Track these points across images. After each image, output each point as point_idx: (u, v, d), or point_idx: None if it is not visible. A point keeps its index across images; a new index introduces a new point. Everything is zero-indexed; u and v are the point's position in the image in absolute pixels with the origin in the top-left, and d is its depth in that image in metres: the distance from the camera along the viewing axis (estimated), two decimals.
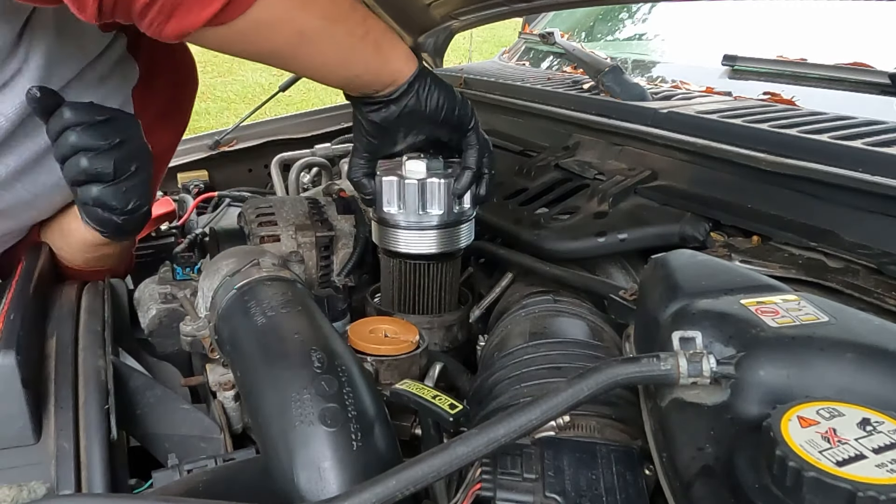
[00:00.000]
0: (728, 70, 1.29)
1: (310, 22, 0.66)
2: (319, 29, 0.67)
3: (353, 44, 0.70)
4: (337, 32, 0.68)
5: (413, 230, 0.86)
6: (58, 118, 0.71)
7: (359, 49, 0.71)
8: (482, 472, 0.49)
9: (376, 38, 0.72)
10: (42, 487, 0.59)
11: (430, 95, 0.77)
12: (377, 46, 0.72)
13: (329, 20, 0.67)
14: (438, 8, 1.66)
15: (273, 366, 0.60)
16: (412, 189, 0.84)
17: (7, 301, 0.68)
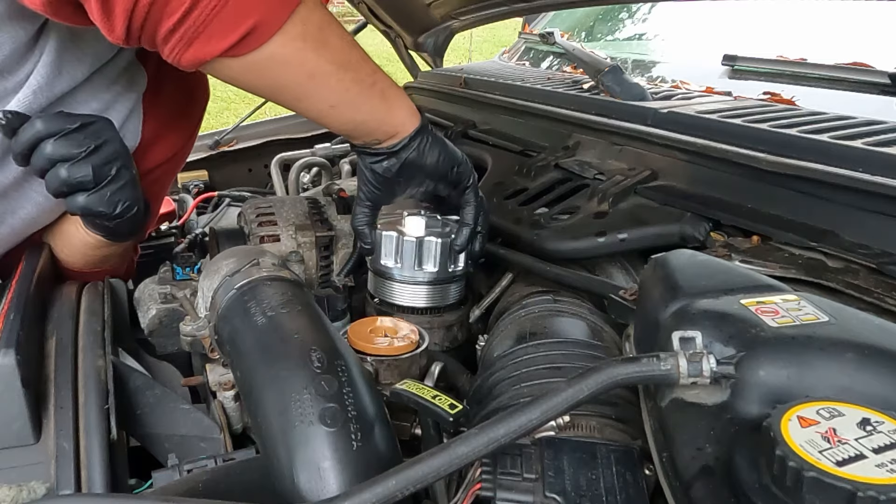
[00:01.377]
0: (728, 70, 1.29)
1: (321, 65, 0.68)
2: (329, 73, 0.69)
3: (361, 91, 0.73)
4: (346, 78, 0.71)
5: (407, 284, 0.91)
6: (28, 130, 0.71)
7: (365, 96, 0.74)
8: (482, 472, 0.49)
9: (383, 89, 0.75)
10: (42, 487, 0.59)
11: (431, 151, 0.80)
12: (383, 97, 0.75)
13: (339, 66, 0.70)
14: (438, 8, 1.66)
15: (273, 366, 0.60)
16: (410, 246, 0.89)
17: (7, 301, 0.68)
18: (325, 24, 0.68)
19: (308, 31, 0.65)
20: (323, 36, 0.67)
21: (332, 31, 0.69)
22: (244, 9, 0.59)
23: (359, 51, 0.73)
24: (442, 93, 1.61)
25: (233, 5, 0.58)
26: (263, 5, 0.60)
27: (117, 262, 0.97)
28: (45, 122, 0.71)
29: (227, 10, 0.58)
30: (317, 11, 0.66)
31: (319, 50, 0.67)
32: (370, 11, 1.75)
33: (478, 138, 1.32)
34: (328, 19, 0.69)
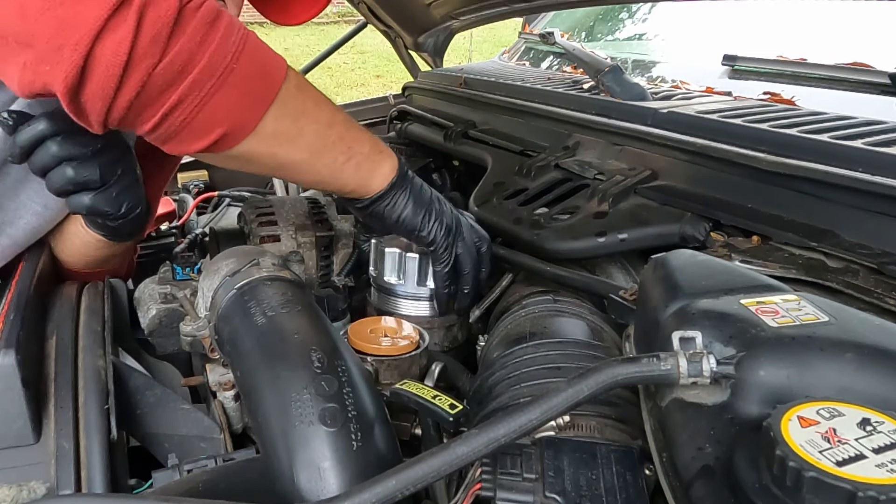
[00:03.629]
0: (728, 70, 1.29)
1: (292, 156, 0.70)
2: (301, 161, 0.72)
3: (334, 171, 0.75)
4: (318, 163, 0.73)
5: (410, 299, 0.93)
6: (32, 129, 0.70)
7: (339, 174, 0.76)
8: (482, 472, 0.49)
9: (359, 162, 0.76)
10: (42, 487, 0.59)
11: (394, 210, 0.81)
12: (357, 168, 0.76)
13: (312, 153, 0.71)
14: (438, 8, 1.66)
15: (273, 366, 0.60)
16: (413, 263, 0.91)
17: (7, 301, 0.68)
18: (300, 112, 0.68)
19: (279, 129, 0.67)
20: (297, 127, 0.68)
21: (309, 117, 0.69)
22: (214, 119, 0.62)
23: (337, 128, 0.73)
24: (442, 93, 1.61)
25: (202, 117, 0.61)
26: (233, 114, 0.62)
27: (117, 262, 0.97)
28: (49, 122, 0.71)
29: (197, 121, 0.61)
30: (292, 101, 0.67)
31: (292, 143, 0.69)
32: (370, 11, 1.75)
33: (478, 138, 1.32)
34: (304, 105, 0.69)
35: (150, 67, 0.56)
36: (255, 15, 3.43)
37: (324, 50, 2.17)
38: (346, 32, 2.11)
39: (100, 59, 0.53)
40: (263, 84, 0.64)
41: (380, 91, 2.42)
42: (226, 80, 0.60)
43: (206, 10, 0.58)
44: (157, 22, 0.54)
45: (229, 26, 0.60)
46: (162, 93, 0.58)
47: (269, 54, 0.65)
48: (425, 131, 1.52)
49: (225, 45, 0.59)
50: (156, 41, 0.55)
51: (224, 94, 0.60)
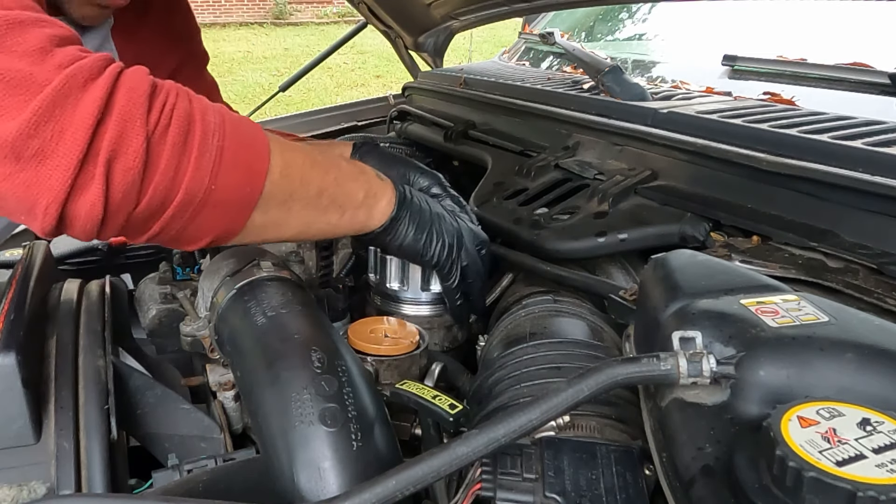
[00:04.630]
0: (728, 70, 1.29)
1: (286, 234, 0.71)
2: (297, 234, 0.72)
3: (330, 230, 0.75)
4: (312, 230, 0.73)
5: (410, 303, 0.94)
6: None
7: (336, 229, 0.76)
8: (482, 472, 0.49)
9: (353, 213, 0.75)
10: (42, 487, 0.59)
11: (395, 240, 0.80)
12: (353, 219, 0.76)
13: (305, 225, 0.71)
14: (438, 8, 1.66)
15: (273, 366, 0.60)
16: (416, 270, 0.92)
17: (7, 301, 0.68)
18: (288, 197, 0.66)
19: (268, 220, 0.66)
20: (286, 210, 0.67)
21: (297, 198, 0.68)
22: (200, 233, 0.61)
23: (328, 193, 0.71)
24: (442, 93, 1.61)
25: (188, 234, 0.60)
26: (219, 225, 0.61)
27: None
28: None
29: (184, 237, 0.61)
30: (277, 191, 0.65)
31: (284, 225, 0.68)
32: (370, 11, 1.75)
33: (478, 138, 1.32)
34: (291, 189, 0.67)
35: (128, 214, 0.55)
36: (254, 15, 3.44)
37: (324, 50, 2.17)
38: (346, 32, 2.11)
39: (75, 217, 0.53)
40: (246, 189, 0.62)
41: (380, 91, 2.42)
42: (206, 202, 0.58)
43: (175, 130, 0.55)
44: (126, 175, 0.52)
45: (203, 137, 0.57)
46: (144, 224, 0.57)
47: (251, 148, 0.62)
48: (425, 131, 1.52)
49: (201, 166, 0.57)
50: (128, 194, 0.53)
51: (206, 214, 0.59)
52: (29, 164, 0.50)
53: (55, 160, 0.50)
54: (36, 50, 0.50)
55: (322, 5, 11.84)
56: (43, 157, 0.50)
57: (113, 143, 0.51)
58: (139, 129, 0.53)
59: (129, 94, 0.53)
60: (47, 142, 0.49)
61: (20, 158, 0.49)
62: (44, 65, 0.50)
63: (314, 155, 0.71)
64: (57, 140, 0.50)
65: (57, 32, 0.53)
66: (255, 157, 0.62)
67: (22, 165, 0.50)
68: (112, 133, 0.51)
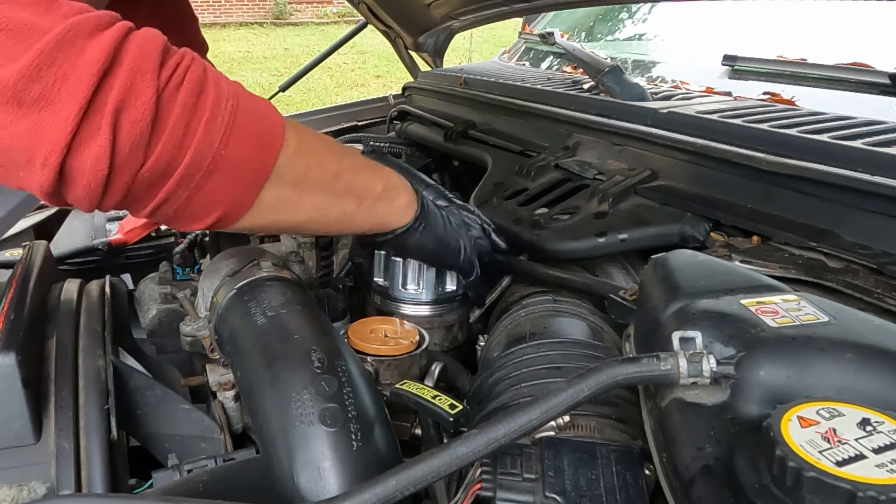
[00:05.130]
0: (728, 70, 1.29)
1: (297, 218, 0.67)
2: (308, 220, 0.68)
3: (345, 220, 0.72)
4: (327, 218, 0.69)
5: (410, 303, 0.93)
6: None
7: (351, 221, 0.72)
8: (482, 472, 0.49)
9: (371, 205, 0.72)
10: (42, 487, 0.59)
11: (417, 243, 0.79)
12: (371, 212, 0.73)
13: (318, 212, 0.68)
14: (438, 8, 1.66)
15: (273, 366, 0.60)
16: (431, 272, 0.91)
17: (7, 301, 0.68)
18: (302, 177, 0.64)
19: (280, 199, 0.63)
20: (299, 192, 0.64)
21: (311, 179, 0.65)
22: (206, 206, 0.58)
23: (344, 178, 0.68)
24: (442, 93, 1.61)
25: (194, 205, 0.57)
26: (227, 198, 0.58)
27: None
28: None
29: (190, 209, 0.57)
30: (291, 169, 0.62)
31: (295, 208, 0.65)
32: (370, 11, 1.75)
33: (478, 138, 1.32)
34: (305, 168, 0.64)
35: (134, 172, 0.52)
36: (254, 15, 3.44)
37: (324, 50, 2.17)
38: (346, 32, 2.11)
39: (79, 171, 0.50)
40: (258, 160, 0.59)
41: (380, 91, 2.42)
42: (215, 168, 0.56)
43: (187, 90, 0.53)
44: (135, 126, 0.50)
45: (217, 101, 0.55)
46: (149, 190, 0.55)
47: (264, 120, 0.60)
48: (425, 131, 1.52)
49: (211, 130, 0.54)
50: (136, 147, 0.51)
51: (214, 182, 0.56)
52: (30, 110, 0.48)
53: (57, 106, 0.48)
54: (42, 1, 0.49)
55: (322, 5, 11.84)
56: (45, 103, 0.48)
57: (121, 94, 0.49)
58: (150, 82, 0.51)
59: (140, 48, 0.51)
60: (49, 87, 0.47)
61: (21, 104, 0.47)
62: (49, 14, 0.48)
63: (329, 141, 0.69)
64: (60, 85, 0.47)
65: None
66: (269, 129, 0.60)
67: (23, 112, 0.48)
68: (121, 83, 0.49)
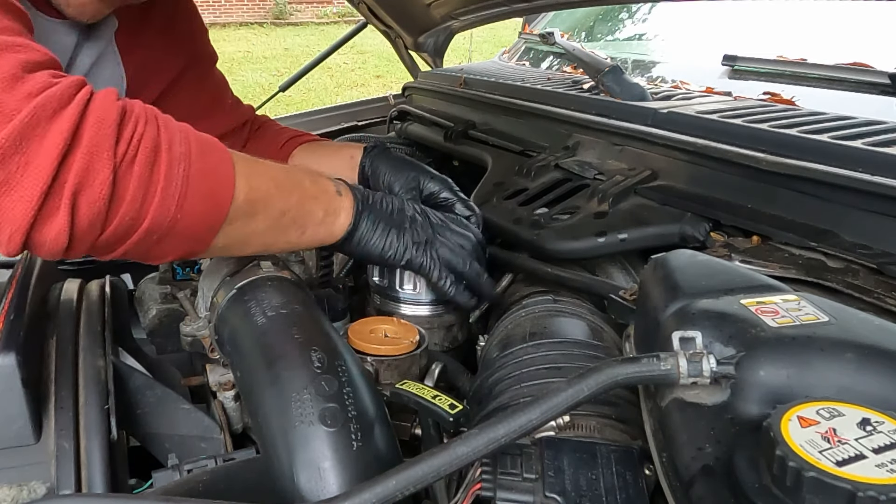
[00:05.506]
0: (728, 70, 1.29)
1: (247, 251, 0.72)
2: (258, 251, 0.74)
3: (292, 246, 0.77)
4: (274, 247, 0.75)
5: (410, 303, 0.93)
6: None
7: (297, 246, 0.78)
8: (482, 471, 0.49)
9: (314, 230, 0.76)
10: (42, 487, 0.59)
11: (356, 250, 0.80)
12: (314, 235, 0.76)
13: (266, 245, 0.73)
14: (438, 8, 1.66)
15: (273, 366, 0.60)
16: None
17: (7, 301, 0.68)
18: (250, 220, 0.67)
19: (231, 242, 0.67)
20: (248, 232, 0.68)
21: (259, 221, 0.68)
22: (164, 254, 0.62)
23: (290, 213, 0.72)
24: (442, 93, 1.61)
25: (154, 255, 0.62)
26: (184, 247, 0.63)
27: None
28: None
29: (150, 257, 0.62)
30: (241, 216, 0.65)
31: (245, 246, 0.70)
32: (370, 11, 1.75)
33: (478, 138, 1.32)
34: (253, 213, 0.67)
35: (93, 241, 0.56)
36: (254, 15, 3.44)
37: (324, 50, 2.17)
38: (346, 32, 2.11)
39: (41, 244, 0.53)
40: (210, 218, 0.62)
41: (380, 91, 2.42)
42: (171, 230, 0.59)
43: (142, 159, 0.56)
44: (92, 207, 0.53)
45: (169, 167, 0.58)
46: (110, 250, 0.59)
47: (216, 176, 0.63)
48: (425, 131, 1.52)
49: (167, 197, 0.57)
50: (94, 224, 0.54)
51: (169, 239, 0.60)
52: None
53: (20, 191, 0.51)
54: (7, 77, 0.51)
55: (322, 5, 11.84)
56: (8, 188, 0.51)
57: (79, 176, 0.52)
58: (106, 161, 0.53)
59: (96, 126, 0.54)
60: (13, 174, 0.50)
61: None
62: (13, 92, 0.51)
63: (279, 177, 0.72)
64: (22, 172, 0.50)
65: (30, 57, 0.53)
66: (221, 185, 0.63)
67: None
68: (79, 165, 0.52)
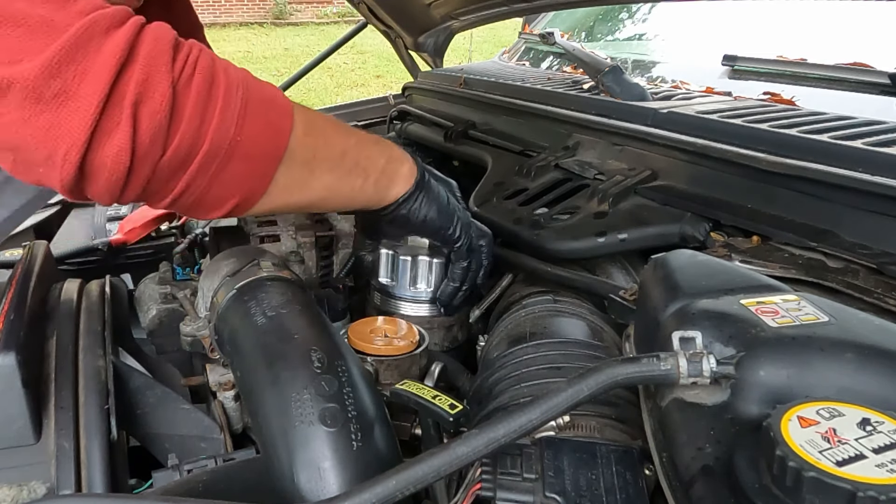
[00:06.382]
0: (728, 70, 1.29)
1: (308, 198, 0.70)
2: (319, 199, 0.71)
3: (352, 196, 0.74)
4: (336, 195, 0.72)
5: (411, 302, 0.94)
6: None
7: (358, 196, 0.75)
8: (482, 472, 0.49)
9: (376, 179, 0.75)
10: (42, 487, 0.59)
11: (420, 212, 0.80)
12: (376, 186, 0.75)
13: (328, 190, 0.70)
14: (438, 8, 1.66)
15: (273, 366, 0.60)
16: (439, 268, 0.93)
17: (7, 301, 0.68)
18: (311, 157, 0.66)
19: (291, 181, 0.65)
20: (310, 171, 0.66)
21: (320, 158, 0.67)
22: (224, 193, 0.60)
23: (350, 155, 0.71)
24: (442, 93, 1.61)
25: (213, 194, 0.59)
26: (244, 184, 0.61)
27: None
28: None
29: (208, 198, 0.60)
30: (301, 150, 0.64)
31: (306, 187, 0.68)
32: (370, 11, 1.75)
33: (478, 138, 1.32)
34: (314, 148, 0.66)
35: (154, 163, 0.54)
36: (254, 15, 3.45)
37: (324, 50, 2.17)
38: (346, 32, 2.11)
39: (100, 166, 0.51)
40: (270, 144, 0.61)
41: (380, 91, 2.42)
42: (232, 154, 0.57)
43: (199, 80, 0.55)
44: (153, 118, 0.51)
45: (228, 89, 0.57)
46: (168, 180, 0.56)
47: (273, 104, 0.62)
48: (425, 131, 1.52)
49: (226, 117, 0.56)
50: (156, 139, 0.52)
51: (231, 169, 0.58)
52: (49, 105, 0.48)
53: (77, 102, 0.49)
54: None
55: (322, 5, 11.84)
56: (65, 99, 0.48)
57: (139, 86, 0.50)
58: (165, 74, 0.52)
59: (153, 42, 0.53)
60: (69, 82, 0.48)
61: (41, 100, 0.48)
62: (65, 10, 0.49)
63: (335, 121, 0.71)
64: (80, 81, 0.49)
65: None
66: (279, 113, 0.62)
67: (42, 107, 0.48)
68: (138, 76, 0.51)
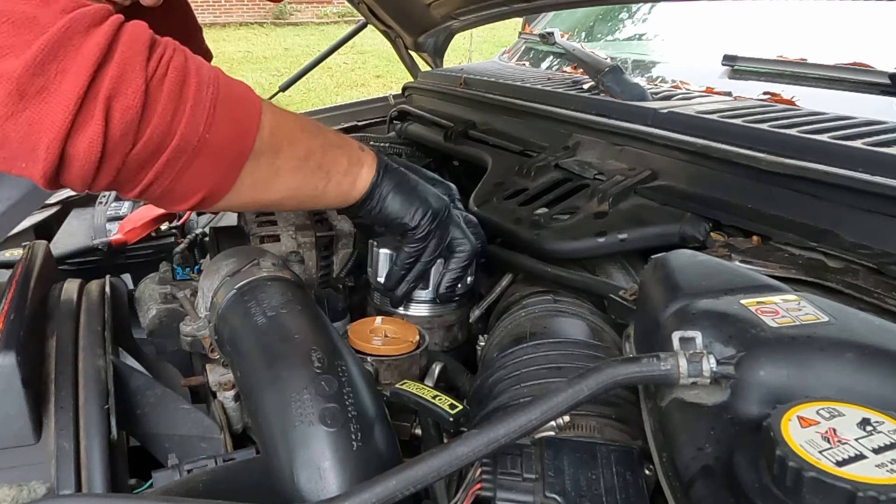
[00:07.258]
0: (728, 70, 1.29)
1: (272, 197, 0.72)
2: (282, 199, 0.73)
3: (315, 196, 0.76)
4: (299, 195, 0.74)
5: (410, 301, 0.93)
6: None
7: (321, 197, 0.77)
8: (482, 472, 0.49)
9: (338, 181, 0.76)
10: (42, 487, 0.59)
11: (382, 206, 0.81)
12: (338, 186, 0.77)
13: (291, 190, 0.72)
14: (438, 8, 1.66)
15: (273, 366, 0.60)
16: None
17: (7, 301, 0.68)
18: (276, 156, 0.68)
19: (257, 179, 0.67)
20: (274, 169, 0.69)
21: (285, 158, 0.69)
22: (192, 187, 0.63)
23: (315, 157, 0.73)
24: (442, 93, 1.61)
25: (180, 187, 0.62)
26: (210, 179, 0.63)
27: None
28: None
29: (176, 191, 0.62)
30: (267, 150, 0.66)
31: (271, 186, 0.70)
32: (370, 11, 1.75)
33: (478, 138, 1.32)
34: (279, 148, 0.68)
35: (124, 155, 0.56)
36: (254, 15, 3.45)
37: (324, 50, 2.17)
38: (346, 32, 2.11)
39: (74, 156, 0.54)
40: (237, 143, 0.63)
41: (380, 91, 2.42)
42: (200, 151, 0.60)
43: (172, 78, 0.57)
44: (125, 113, 0.54)
45: (199, 88, 0.59)
46: (138, 172, 0.59)
47: (242, 103, 0.64)
48: (425, 131, 1.52)
49: (196, 115, 0.59)
50: (126, 133, 0.55)
51: (199, 164, 0.61)
52: (32, 101, 0.51)
53: (58, 98, 0.51)
54: None
55: (322, 5, 11.84)
56: (46, 95, 0.51)
57: (113, 83, 0.53)
58: (139, 72, 0.55)
59: (130, 42, 0.55)
60: (51, 80, 0.51)
61: (24, 96, 0.51)
62: (48, 7, 0.52)
63: (303, 121, 0.73)
64: (61, 78, 0.51)
65: None
66: (247, 113, 0.64)
67: (25, 104, 0.51)
68: (113, 73, 0.53)
